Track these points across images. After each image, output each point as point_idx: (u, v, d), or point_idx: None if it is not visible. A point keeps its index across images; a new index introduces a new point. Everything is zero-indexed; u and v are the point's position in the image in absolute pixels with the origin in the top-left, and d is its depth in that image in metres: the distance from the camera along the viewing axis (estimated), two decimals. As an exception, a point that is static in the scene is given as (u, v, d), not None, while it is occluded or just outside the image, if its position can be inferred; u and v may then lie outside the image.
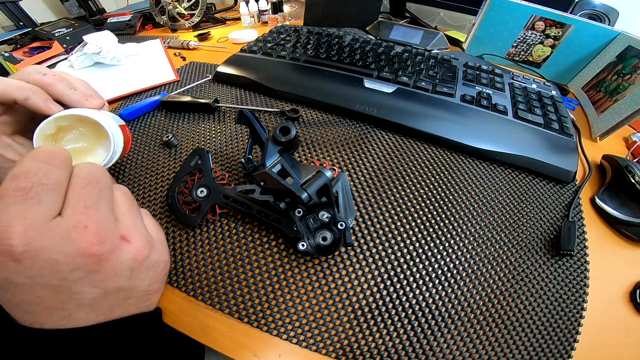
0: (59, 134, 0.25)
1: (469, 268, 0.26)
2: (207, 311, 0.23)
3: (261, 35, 0.56)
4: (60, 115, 0.23)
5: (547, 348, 0.22)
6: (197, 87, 0.47)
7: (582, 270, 0.27)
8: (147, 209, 0.29)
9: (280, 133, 0.25)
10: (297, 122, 0.39)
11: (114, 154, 0.25)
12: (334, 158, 0.34)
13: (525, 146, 0.35)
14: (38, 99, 0.22)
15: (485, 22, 0.56)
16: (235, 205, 0.27)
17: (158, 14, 0.74)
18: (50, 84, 0.23)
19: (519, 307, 0.24)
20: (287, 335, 0.22)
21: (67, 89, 0.24)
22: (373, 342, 0.22)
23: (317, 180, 0.23)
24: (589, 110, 0.46)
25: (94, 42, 0.52)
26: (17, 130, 0.25)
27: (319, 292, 0.24)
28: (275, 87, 0.43)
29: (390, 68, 0.45)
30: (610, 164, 0.35)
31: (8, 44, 0.69)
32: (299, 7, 0.84)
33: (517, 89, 0.44)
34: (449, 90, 0.41)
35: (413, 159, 0.34)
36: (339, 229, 0.24)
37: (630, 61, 0.42)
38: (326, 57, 0.46)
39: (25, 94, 0.22)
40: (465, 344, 0.22)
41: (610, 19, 0.59)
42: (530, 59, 0.57)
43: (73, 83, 0.25)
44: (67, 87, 0.24)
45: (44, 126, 0.23)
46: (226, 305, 0.23)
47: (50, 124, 0.23)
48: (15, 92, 0.22)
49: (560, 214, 0.31)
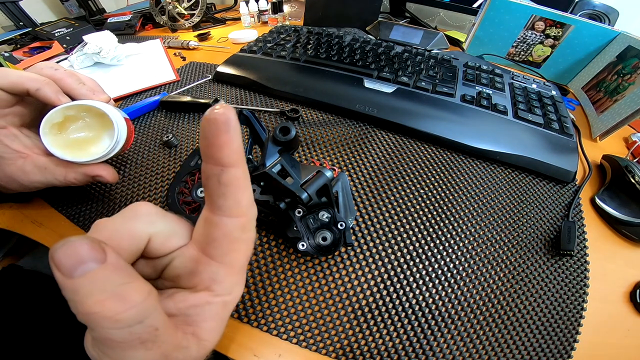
0: (65, 124, 0.26)
1: (469, 268, 0.26)
2: (207, 311, 0.23)
3: (261, 35, 0.56)
4: (68, 105, 0.24)
5: (547, 348, 0.22)
6: (197, 87, 0.47)
7: (582, 270, 0.27)
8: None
9: (280, 133, 0.25)
10: (297, 122, 0.39)
11: (117, 143, 0.26)
12: (334, 158, 0.34)
13: (525, 146, 0.35)
14: (49, 90, 0.23)
15: (485, 22, 0.56)
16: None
17: (158, 14, 0.74)
18: (61, 78, 0.25)
19: (519, 307, 0.24)
20: (287, 335, 0.22)
21: (76, 84, 0.25)
22: (373, 342, 0.22)
23: (317, 180, 0.23)
24: (589, 110, 0.46)
25: (94, 42, 0.52)
26: (26, 123, 0.26)
27: (319, 292, 0.24)
28: (275, 87, 0.43)
29: (390, 68, 0.45)
30: (610, 164, 0.35)
31: (8, 44, 0.69)
32: (299, 7, 0.84)
33: (517, 89, 0.44)
34: (449, 90, 0.41)
35: (413, 159, 0.34)
36: (339, 229, 0.24)
37: (630, 61, 0.42)
38: (326, 57, 0.46)
39: (37, 85, 0.23)
40: (465, 344, 0.22)
41: (610, 19, 0.59)
42: (530, 59, 0.57)
43: (82, 79, 0.26)
44: (76, 81, 0.25)
45: (53, 114, 0.24)
46: (226, 305, 0.23)
47: (58, 113, 0.24)
48: (28, 82, 0.23)
49: (560, 214, 0.31)
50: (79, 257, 0.10)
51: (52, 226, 0.29)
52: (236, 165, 0.14)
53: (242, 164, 0.14)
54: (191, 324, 0.15)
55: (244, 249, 0.15)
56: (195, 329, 0.15)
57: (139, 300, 0.11)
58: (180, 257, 0.16)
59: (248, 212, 0.15)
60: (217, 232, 0.15)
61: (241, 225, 0.15)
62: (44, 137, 0.24)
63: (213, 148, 0.13)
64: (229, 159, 0.13)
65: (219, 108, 0.13)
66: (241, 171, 0.14)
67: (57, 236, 0.29)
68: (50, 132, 0.24)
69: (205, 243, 0.15)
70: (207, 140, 0.13)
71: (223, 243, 0.15)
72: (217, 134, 0.13)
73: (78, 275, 0.10)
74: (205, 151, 0.13)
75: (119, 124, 0.26)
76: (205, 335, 0.15)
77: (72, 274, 0.10)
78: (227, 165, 0.13)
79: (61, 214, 0.30)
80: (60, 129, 0.25)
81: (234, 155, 0.13)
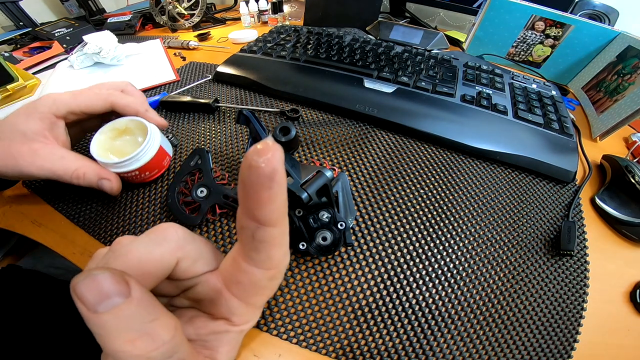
0: (121, 133, 0.30)
1: (469, 268, 0.26)
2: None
3: (261, 35, 0.56)
4: (134, 118, 0.29)
5: (547, 348, 0.22)
6: (197, 87, 0.47)
7: (582, 270, 0.27)
8: (147, 208, 0.29)
9: (280, 133, 0.25)
10: (297, 122, 0.39)
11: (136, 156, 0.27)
12: (334, 158, 0.34)
13: (525, 146, 0.35)
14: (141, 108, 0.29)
15: (485, 22, 0.56)
16: (235, 205, 0.27)
17: (158, 14, 0.74)
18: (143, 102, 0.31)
19: (519, 307, 0.24)
20: (287, 335, 0.22)
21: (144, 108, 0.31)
22: (373, 342, 0.22)
23: (317, 180, 0.23)
24: (589, 110, 0.46)
25: (94, 42, 0.52)
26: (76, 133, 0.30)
27: (319, 292, 0.24)
28: (275, 87, 0.43)
29: (390, 68, 0.45)
30: (610, 164, 0.35)
31: (8, 44, 0.69)
32: (299, 7, 0.84)
33: (517, 89, 0.44)
34: (449, 90, 0.41)
35: (413, 159, 0.34)
36: (339, 229, 0.24)
37: (630, 61, 0.42)
38: (326, 57, 0.46)
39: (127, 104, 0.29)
40: (465, 344, 0.22)
41: (610, 19, 0.59)
42: (530, 59, 0.57)
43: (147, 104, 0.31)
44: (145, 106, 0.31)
45: (123, 120, 0.29)
46: (226, 305, 0.23)
47: (125, 120, 0.29)
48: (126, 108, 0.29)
49: (560, 214, 0.31)
50: (103, 291, 0.10)
51: (52, 226, 0.29)
52: (275, 225, 0.12)
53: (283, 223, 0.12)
54: (210, 348, 0.15)
55: (269, 294, 0.16)
56: (213, 353, 0.15)
57: (168, 338, 0.11)
58: (205, 284, 0.15)
59: (280, 265, 0.14)
60: (245, 278, 0.14)
61: (270, 276, 0.14)
62: (99, 135, 0.28)
63: (251, 202, 0.11)
64: (268, 218, 0.12)
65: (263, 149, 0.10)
66: (280, 231, 0.13)
67: (57, 236, 0.29)
68: (107, 130, 0.29)
69: (230, 282, 0.15)
70: (246, 191, 0.11)
71: (248, 288, 0.15)
72: (258, 189, 0.11)
73: (103, 310, 0.10)
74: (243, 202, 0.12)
75: (149, 144, 0.28)
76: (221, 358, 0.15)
77: (97, 308, 0.10)
78: (266, 225, 0.12)
79: (61, 214, 0.30)
80: (114, 135, 0.30)
81: (275, 214, 0.12)
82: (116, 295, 0.10)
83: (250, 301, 0.15)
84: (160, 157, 0.30)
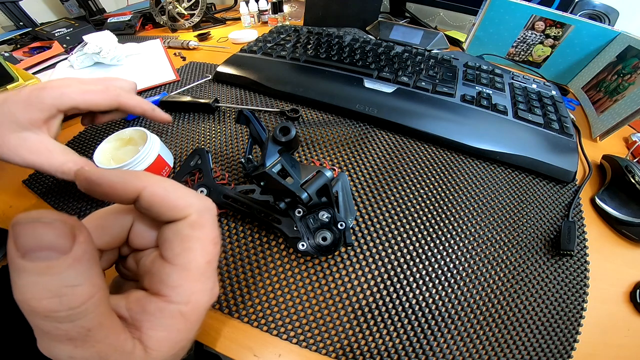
0: (125, 143, 0.31)
1: (469, 268, 0.26)
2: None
3: (261, 35, 0.56)
4: (138, 129, 0.31)
5: (547, 348, 0.22)
6: (197, 87, 0.47)
7: (582, 270, 0.27)
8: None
9: (280, 133, 0.25)
10: (297, 122, 0.39)
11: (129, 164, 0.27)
12: (334, 158, 0.34)
13: (525, 146, 0.35)
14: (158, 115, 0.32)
15: (485, 22, 0.56)
16: (235, 205, 0.27)
17: (158, 14, 0.74)
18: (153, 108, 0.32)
19: (519, 307, 0.24)
20: (287, 335, 0.22)
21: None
22: (373, 342, 0.22)
23: (317, 180, 0.23)
24: (589, 110, 0.46)
25: (94, 42, 0.52)
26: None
27: (319, 292, 0.24)
28: (275, 87, 0.43)
29: (390, 68, 0.45)
30: (610, 164, 0.35)
31: (8, 44, 0.69)
32: (299, 7, 0.84)
33: (517, 89, 0.44)
34: (449, 90, 0.41)
35: (413, 159, 0.34)
36: (339, 229, 0.24)
37: (630, 61, 0.42)
38: (326, 57, 0.46)
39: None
40: (465, 344, 0.22)
41: (610, 19, 0.59)
42: (530, 59, 0.57)
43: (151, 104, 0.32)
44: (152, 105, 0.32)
45: (128, 130, 0.31)
46: (226, 305, 0.23)
47: (130, 131, 0.31)
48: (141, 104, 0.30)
49: (560, 214, 0.31)
50: (41, 241, 0.09)
51: (52, 226, 0.29)
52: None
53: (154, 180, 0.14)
54: (139, 329, 0.13)
55: (199, 248, 0.14)
56: (142, 336, 0.13)
57: (76, 305, 0.10)
58: (148, 255, 0.15)
59: (192, 207, 0.14)
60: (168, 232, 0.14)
61: (189, 223, 0.14)
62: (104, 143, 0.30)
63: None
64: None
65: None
66: (171, 184, 0.14)
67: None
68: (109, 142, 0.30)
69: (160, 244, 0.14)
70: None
71: (174, 242, 0.14)
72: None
73: (30, 260, 0.09)
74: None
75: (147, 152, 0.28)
76: (153, 344, 0.13)
77: (25, 255, 0.09)
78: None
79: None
80: (117, 144, 0.31)
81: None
82: (53, 250, 0.09)
83: (179, 261, 0.13)
84: (158, 166, 0.30)
